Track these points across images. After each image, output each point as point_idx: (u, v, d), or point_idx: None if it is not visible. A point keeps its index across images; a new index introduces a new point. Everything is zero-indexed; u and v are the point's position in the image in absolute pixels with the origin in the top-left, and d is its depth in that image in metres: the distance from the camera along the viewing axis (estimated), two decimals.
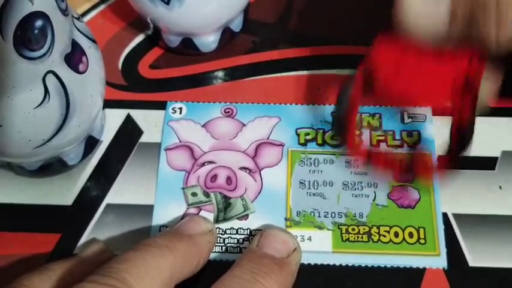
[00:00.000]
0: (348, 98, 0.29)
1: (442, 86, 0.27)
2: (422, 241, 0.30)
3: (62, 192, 0.32)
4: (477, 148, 0.32)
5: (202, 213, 0.31)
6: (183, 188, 0.32)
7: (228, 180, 0.32)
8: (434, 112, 0.33)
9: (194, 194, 0.32)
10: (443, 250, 0.29)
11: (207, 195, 0.32)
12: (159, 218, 0.31)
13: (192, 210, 0.31)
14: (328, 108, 0.34)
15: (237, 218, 0.31)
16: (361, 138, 0.32)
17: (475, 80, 0.26)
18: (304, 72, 0.36)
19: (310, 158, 0.33)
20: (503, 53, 0.25)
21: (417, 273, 0.29)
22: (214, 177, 0.32)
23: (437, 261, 0.29)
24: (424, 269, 0.29)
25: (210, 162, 0.33)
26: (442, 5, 0.24)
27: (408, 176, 0.31)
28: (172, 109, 0.35)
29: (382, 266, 0.29)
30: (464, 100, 0.27)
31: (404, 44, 0.26)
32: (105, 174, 0.33)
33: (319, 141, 0.33)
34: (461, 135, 0.28)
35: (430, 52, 0.26)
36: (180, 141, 0.33)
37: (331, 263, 0.30)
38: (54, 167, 0.32)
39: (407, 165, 0.31)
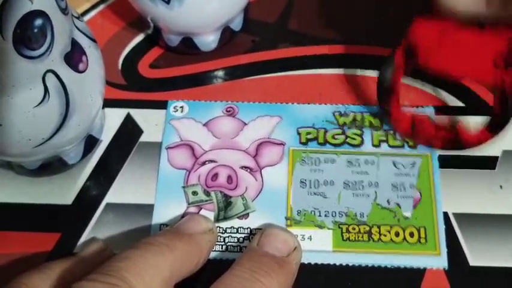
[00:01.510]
0: (392, 68, 0.30)
1: (483, 59, 0.28)
2: (422, 241, 0.30)
3: (61, 192, 0.32)
4: (477, 147, 0.32)
5: (203, 212, 0.31)
6: (183, 187, 0.32)
7: (229, 179, 0.32)
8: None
9: (195, 193, 0.32)
10: (444, 250, 0.29)
11: (207, 194, 0.32)
12: (160, 216, 0.31)
13: (193, 209, 0.31)
14: (330, 108, 0.34)
15: (238, 217, 0.31)
16: (404, 108, 0.32)
17: None
18: (305, 72, 0.36)
19: (311, 157, 0.32)
20: None
21: (417, 273, 0.29)
22: (215, 176, 0.32)
23: (438, 261, 0.29)
24: (425, 268, 0.29)
25: (211, 161, 0.33)
26: None
27: (452, 144, 0.31)
28: (174, 108, 0.35)
29: (383, 265, 0.29)
30: (506, 74, 0.28)
31: (445, 19, 0.27)
32: (105, 174, 0.33)
33: (320, 140, 0.33)
34: (504, 107, 0.29)
35: (470, 26, 0.27)
36: (181, 140, 0.33)
37: (332, 263, 0.29)
38: (54, 166, 0.32)
39: (452, 134, 0.31)
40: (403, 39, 0.29)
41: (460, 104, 0.34)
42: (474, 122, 0.32)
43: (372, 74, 0.36)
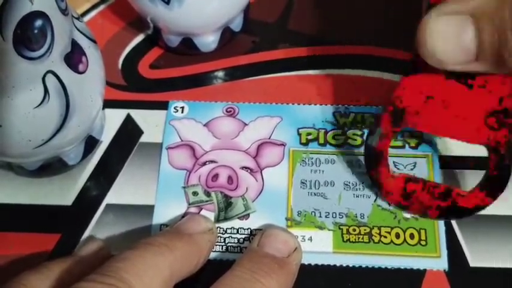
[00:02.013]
0: (379, 134, 0.28)
1: (474, 120, 0.27)
2: (423, 242, 0.30)
3: (62, 192, 0.32)
4: (477, 148, 0.32)
5: (203, 212, 0.31)
6: (184, 187, 0.32)
7: (229, 179, 0.32)
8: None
9: (195, 193, 0.32)
10: (444, 251, 0.29)
11: (208, 194, 0.32)
12: (160, 217, 0.31)
13: (193, 210, 0.31)
14: (330, 108, 0.34)
15: (238, 218, 0.31)
16: (393, 175, 0.30)
17: (509, 113, 0.26)
18: (305, 72, 0.36)
19: (312, 158, 0.32)
20: None
21: (418, 274, 0.29)
22: (216, 177, 0.32)
23: (438, 262, 0.29)
24: (425, 270, 0.29)
25: (212, 161, 0.33)
26: (467, 36, 0.23)
27: (448, 213, 0.30)
28: (174, 108, 0.35)
29: (383, 267, 0.29)
30: (499, 134, 0.27)
31: (431, 74, 0.26)
32: (105, 174, 0.33)
33: (321, 141, 0.33)
34: (500, 168, 0.28)
35: (459, 85, 0.26)
36: (182, 140, 0.33)
37: (332, 264, 0.29)
38: (54, 167, 0.32)
39: (448, 202, 0.29)
40: (388, 104, 0.28)
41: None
42: (472, 181, 0.31)
43: (373, 74, 0.36)
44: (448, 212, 0.30)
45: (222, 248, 0.30)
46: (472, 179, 0.32)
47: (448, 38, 0.24)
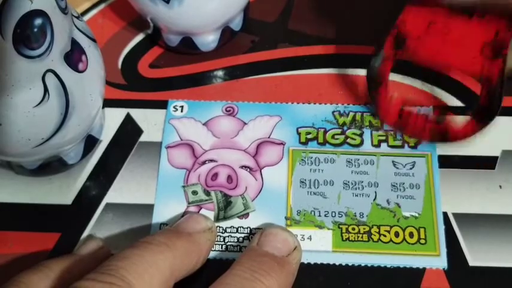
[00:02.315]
0: (381, 58, 0.30)
1: (471, 49, 0.28)
2: (422, 241, 0.30)
3: (61, 192, 0.32)
4: (477, 147, 0.32)
5: (203, 211, 0.31)
6: (183, 186, 0.32)
7: (229, 178, 0.32)
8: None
9: (195, 193, 0.32)
10: (444, 250, 0.29)
11: (207, 193, 0.32)
12: (159, 216, 0.31)
13: (193, 209, 0.31)
14: (330, 107, 0.34)
15: (238, 217, 0.31)
16: (392, 97, 0.32)
17: (504, 44, 0.27)
18: (304, 72, 0.36)
19: (311, 157, 0.32)
20: None
21: (417, 273, 0.29)
22: (215, 176, 0.32)
23: (438, 261, 0.29)
24: (424, 268, 0.29)
25: (211, 160, 0.33)
26: None
27: (440, 136, 0.31)
28: (174, 107, 0.35)
29: (382, 265, 0.29)
30: (493, 64, 0.27)
31: (434, 5, 0.27)
32: (105, 174, 0.33)
33: (320, 140, 0.33)
34: (491, 97, 0.28)
35: (460, 14, 0.27)
36: (181, 139, 0.33)
37: (331, 263, 0.29)
38: (53, 166, 0.32)
39: (440, 126, 0.31)
40: (391, 28, 0.29)
41: (460, 104, 0.34)
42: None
43: None
44: (440, 135, 0.31)
45: (221, 247, 0.30)
46: (471, 179, 0.32)
47: None
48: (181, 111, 0.34)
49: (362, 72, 0.36)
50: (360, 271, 0.29)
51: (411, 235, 0.30)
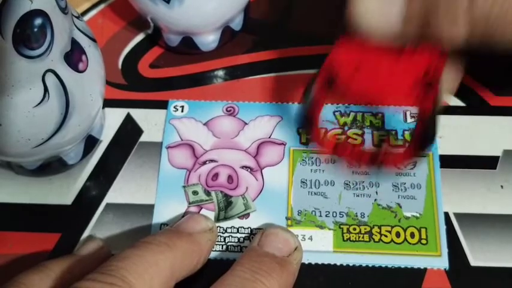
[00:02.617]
0: (312, 95, 0.29)
1: (402, 84, 0.27)
2: (423, 241, 0.30)
3: (61, 192, 0.32)
4: (478, 147, 0.32)
5: (203, 211, 0.31)
6: (184, 186, 0.32)
7: (229, 178, 0.32)
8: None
9: (195, 193, 0.32)
10: (445, 251, 0.29)
11: (208, 193, 0.32)
12: (160, 216, 0.31)
13: (193, 209, 0.31)
14: (330, 108, 0.34)
15: (238, 217, 0.31)
16: (326, 134, 0.32)
17: (435, 78, 0.27)
18: (305, 71, 0.36)
19: (312, 158, 0.32)
20: (460, 50, 0.25)
21: (418, 273, 0.29)
22: (216, 176, 0.32)
23: (439, 261, 0.29)
24: (425, 269, 0.29)
25: (212, 160, 0.32)
26: (395, 5, 0.24)
27: (374, 166, 0.30)
28: (174, 107, 0.35)
29: (383, 266, 0.29)
30: (426, 97, 0.27)
31: (364, 43, 0.26)
32: (105, 174, 0.33)
33: None
34: (425, 128, 0.28)
35: (389, 50, 0.27)
36: (182, 140, 0.33)
37: (332, 263, 0.29)
38: (53, 166, 0.32)
39: (374, 156, 0.30)
40: (321, 68, 0.29)
41: (461, 103, 0.34)
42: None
43: None
44: (376, 165, 0.30)
45: (222, 247, 0.30)
46: (473, 179, 0.32)
47: (377, 7, 0.25)
48: (182, 111, 0.34)
49: None
50: (361, 271, 0.29)
51: (412, 235, 0.30)
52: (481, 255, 0.29)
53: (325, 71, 0.28)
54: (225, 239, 0.30)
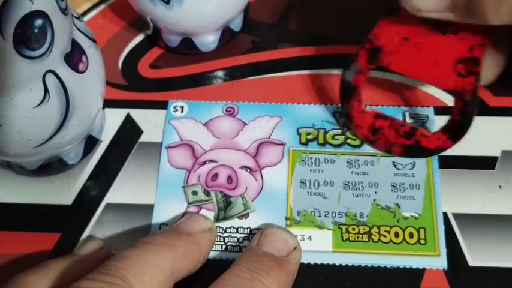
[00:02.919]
0: (355, 69, 0.29)
1: (444, 65, 0.28)
2: (422, 241, 0.30)
3: (61, 192, 0.32)
4: (477, 147, 0.32)
5: (203, 211, 0.31)
6: (183, 187, 0.32)
7: (229, 179, 0.32)
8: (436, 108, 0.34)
9: (195, 193, 0.32)
10: (444, 250, 0.29)
11: (207, 193, 0.32)
12: (159, 216, 0.31)
13: (193, 209, 0.31)
14: (330, 108, 0.34)
15: (237, 217, 0.31)
16: (364, 110, 0.31)
17: (476, 62, 0.27)
18: (305, 72, 0.36)
19: (311, 158, 0.32)
20: (505, 31, 0.26)
21: (417, 273, 0.29)
22: (215, 176, 0.32)
23: (437, 261, 0.29)
24: (424, 269, 0.29)
25: (211, 161, 0.33)
26: None
27: (411, 151, 0.31)
28: (174, 107, 0.35)
29: (382, 266, 0.29)
30: (466, 81, 0.27)
31: (409, 18, 0.27)
32: (105, 174, 0.33)
33: (321, 141, 0.33)
34: (463, 114, 0.28)
35: (433, 30, 0.27)
36: (181, 140, 0.33)
37: (331, 263, 0.29)
38: (54, 166, 0.32)
39: (412, 141, 0.31)
40: (365, 41, 0.29)
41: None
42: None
43: (373, 74, 0.35)
44: (411, 150, 0.31)
45: (221, 247, 0.30)
46: (471, 179, 0.32)
47: None
48: (182, 111, 0.35)
49: None
50: (359, 271, 0.29)
51: (411, 235, 0.30)
52: (480, 255, 0.29)
53: (370, 42, 0.29)
54: (224, 239, 0.30)
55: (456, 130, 0.29)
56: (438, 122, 0.33)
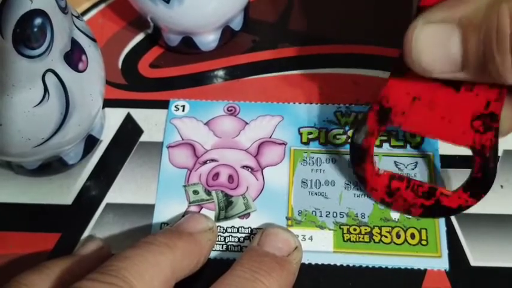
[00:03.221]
0: (365, 132, 0.28)
1: (460, 122, 0.26)
2: (424, 242, 0.30)
3: (61, 192, 0.32)
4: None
5: (204, 211, 0.31)
6: (184, 186, 0.32)
7: (230, 178, 0.32)
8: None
9: (196, 192, 0.32)
10: (445, 251, 0.29)
11: (208, 193, 0.32)
12: (160, 215, 0.31)
13: (193, 208, 0.31)
14: (331, 107, 0.34)
15: (238, 217, 0.31)
16: (378, 172, 0.30)
17: (494, 117, 0.26)
18: (306, 71, 0.36)
19: (313, 157, 0.32)
20: None
21: (418, 274, 0.29)
22: (216, 176, 0.32)
23: (439, 262, 0.29)
24: (425, 269, 0.29)
25: (212, 160, 0.32)
26: (453, 46, 0.23)
27: (431, 212, 0.30)
28: (175, 107, 0.35)
29: (383, 266, 0.29)
30: (485, 137, 0.26)
31: (418, 78, 0.25)
32: (105, 174, 0.33)
33: (322, 140, 0.33)
34: (485, 171, 0.27)
35: (446, 88, 0.26)
36: (183, 139, 0.33)
37: (332, 263, 0.29)
38: (53, 166, 0.32)
39: (431, 201, 0.29)
40: (374, 103, 0.28)
41: None
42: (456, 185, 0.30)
43: (374, 73, 0.36)
44: (431, 211, 0.30)
45: (222, 247, 0.30)
46: None
47: (433, 48, 0.24)
48: (183, 110, 0.34)
49: (363, 71, 0.36)
50: (361, 272, 0.29)
51: (412, 236, 0.30)
52: (481, 255, 0.29)
53: (379, 104, 0.28)
54: (225, 238, 0.30)
55: (478, 187, 0.28)
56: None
